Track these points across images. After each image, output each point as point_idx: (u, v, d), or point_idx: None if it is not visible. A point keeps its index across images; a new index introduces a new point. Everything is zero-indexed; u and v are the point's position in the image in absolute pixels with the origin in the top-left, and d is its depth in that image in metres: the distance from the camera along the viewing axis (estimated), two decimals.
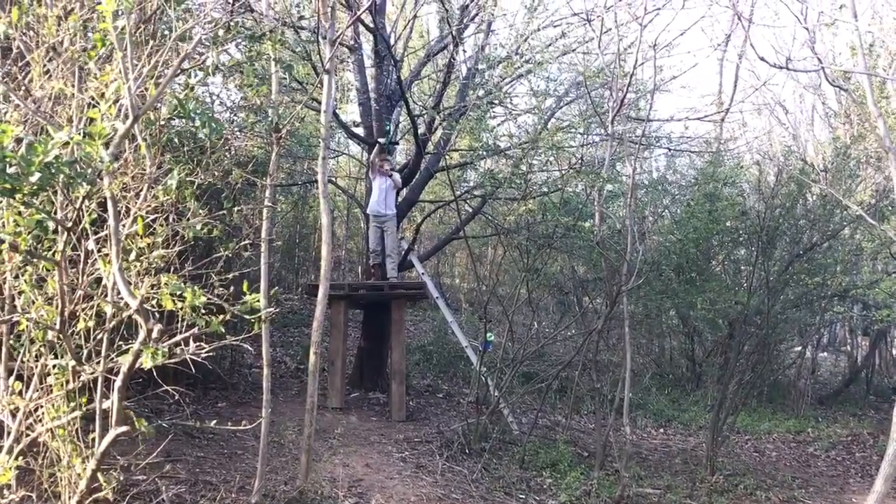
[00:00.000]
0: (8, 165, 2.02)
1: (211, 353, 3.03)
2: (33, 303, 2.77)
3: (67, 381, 2.74)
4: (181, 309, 2.65)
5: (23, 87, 2.60)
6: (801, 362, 13.90)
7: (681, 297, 8.97)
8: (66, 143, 2.15)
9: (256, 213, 5.94)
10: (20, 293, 2.76)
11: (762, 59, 5.71)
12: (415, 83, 10.80)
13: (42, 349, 2.84)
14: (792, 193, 8.45)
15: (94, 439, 2.81)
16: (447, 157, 10.19)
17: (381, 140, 10.22)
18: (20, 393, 2.89)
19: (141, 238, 2.84)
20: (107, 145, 2.29)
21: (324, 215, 5.92)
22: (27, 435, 2.89)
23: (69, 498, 2.85)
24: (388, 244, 10.33)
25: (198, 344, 2.64)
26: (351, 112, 13.03)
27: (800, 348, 15.01)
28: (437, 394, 11.24)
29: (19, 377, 3.10)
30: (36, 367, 2.89)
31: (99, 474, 2.76)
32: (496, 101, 8.64)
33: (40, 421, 2.90)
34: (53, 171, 2.10)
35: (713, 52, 13.64)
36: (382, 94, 10.13)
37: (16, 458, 2.83)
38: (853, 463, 10.22)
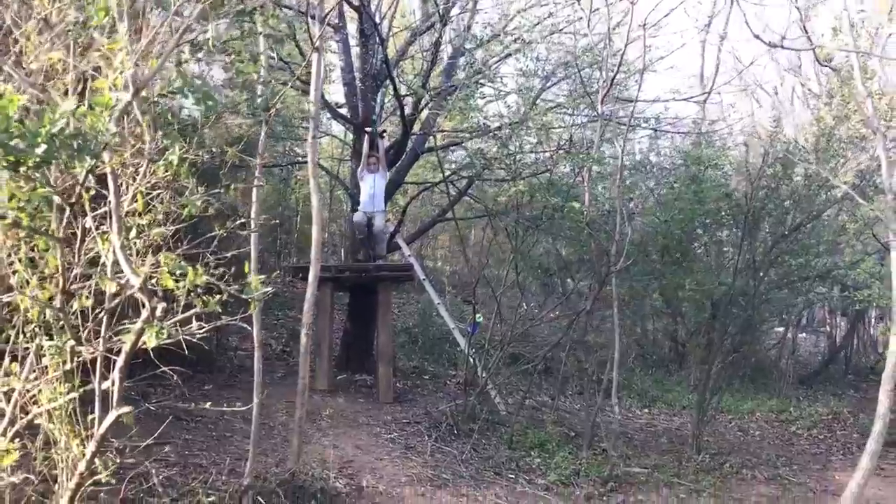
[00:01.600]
0: (11, 137, 1.95)
1: (206, 335, 2.98)
2: (27, 282, 2.70)
3: (64, 362, 2.68)
4: (178, 288, 2.59)
5: (13, 59, 2.52)
6: (784, 343, 14.05)
7: (668, 278, 9.00)
8: (73, 114, 2.08)
9: (241, 194, 5.86)
10: (14, 272, 2.69)
11: (757, 36, 5.71)
12: (400, 63, 10.68)
13: (37, 329, 2.78)
14: (777, 174, 8.49)
15: (92, 421, 2.76)
16: (435, 137, 10.11)
17: (369, 129, 10.02)
18: (16, 374, 2.83)
19: (141, 215, 2.77)
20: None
21: (314, 196, 5.86)
22: (22, 417, 2.83)
23: (67, 480, 2.80)
24: (376, 226, 10.15)
25: (199, 324, 2.60)
26: (334, 92, 12.89)
27: (781, 329, 15.18)
28: (423, 375, 11.23)
29: (13, 358, 3.03)
30: (31, 347, 2.82)
31: (96, 457, 2.71)
32: (484, 81, 8.56)
33: (36, 403, 2.84)
34: (59, 143, 2.03)
35: (699, 32, 13.61)
36: (368, 74, 10.02)
37: (11, 441, 2.77)
38: (835, 441, 10.36)
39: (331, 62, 11.81)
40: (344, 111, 10.86)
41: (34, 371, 2.82)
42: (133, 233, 2.71)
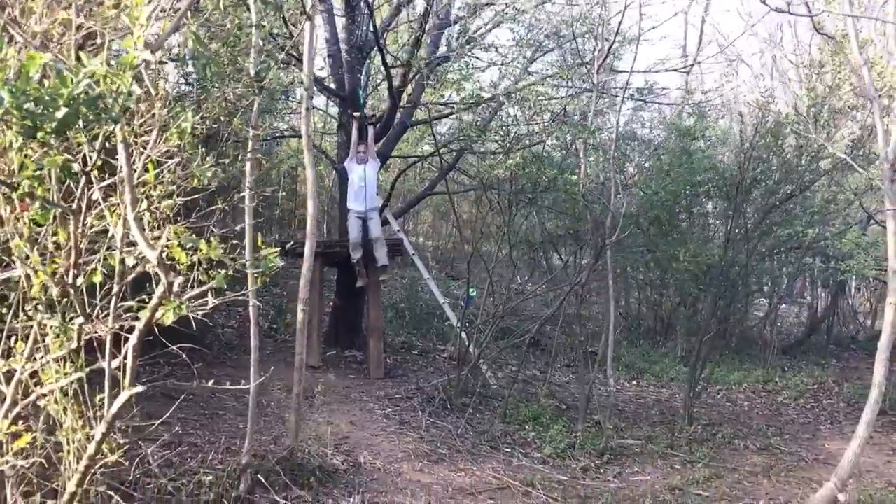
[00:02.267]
0: (29, 100, 1.81)
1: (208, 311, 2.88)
2: (28, 257, 2.56)
3: (70, 340, 2.55)
4: (179, 263, 2.46)
5: (11, 16, 2.36)
6: (769, 313, 14.14)
7: (661, 249, 8.97)
8: (93, 75, 1.93)
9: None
10: (14, 247, 2.54)
11: (763, 2, 5.63)
12: (385, 34, 10.46)
13: (39, 307, 2.64)
14: (769, 144, 8.45)
15: (99, 401, 2.64)
16: (429, 109, 9.94)
17: (357, 114, 9.30)
18: (17, 354, 2.69)
19: (154, 187, 2.63)
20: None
21: (308, 169, 5.73)
22: (24, 398, 2.71)
23: (75, 462, 2.69)
24: (372, 232, 9.26)
25: (213, 300, 2.47)
26: (317, 65, 12.64)
27: (765, 300, 15.28)
28: (412, 351, 11.17)
29: (9, 338, 2.90)
30: (32, 326, 2.69)
31: (106, 439, 2.60)
32: (472, 53, 8.36)
33: (40, 384, 2.72)
34: (80, 106, 1.89)
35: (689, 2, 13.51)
36: (353, 45, 9.82)
37: (13, 423, 2.65)
38: (822, 410, 10.46)
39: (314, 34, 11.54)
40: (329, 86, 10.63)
41: (38, 350, 2.69)
42: (143, 205, 2.58)
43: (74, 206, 2.39)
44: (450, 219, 22.25)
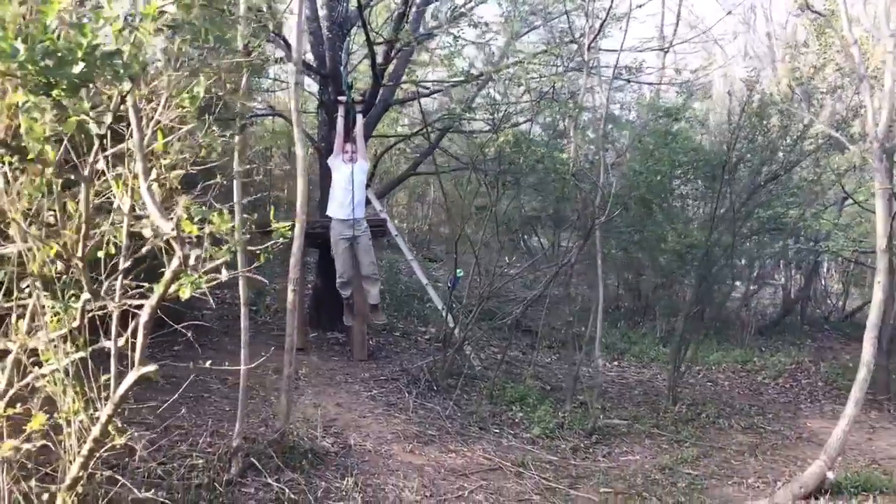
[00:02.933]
0: (48, 53, 1.66)
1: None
2: (27, 231, 2.41)
3: (73, 319, 2.42)
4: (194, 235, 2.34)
5: None
6: (747, 293, 14.26)
7: (650, 230, 8.96)
8: (119, 29, 1.78)
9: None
10: (11, 220, 2.39)
11: None
12: (370, 8, 10.25)
13: (37, 284, 2.50)
14: (755, 124, 8.45)
15: (105, 382, 2.51)
16: (417, 87, 9.75)
17: (343, 98, 8.24)
18: (15, 333, 2.55)
19: (165, 156, 2.48)
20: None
21: (298, 146, 5.57)
22: (22, 379, 2.57)
23: (78, 445, 2.56)
24: (363, 262, 8.36)
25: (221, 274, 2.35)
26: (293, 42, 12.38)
27: (740, 282, 15.41)
28: (393, 332, 11.06)
29: (2, 318, 2.75)
30: (28, 304, 2.54)
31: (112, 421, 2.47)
32: (462, 26, 8.18)
33: (38, 364, 2.58)
34: (98, 60, 1.74)
35: None
36: (335, 22, 9.62)
37: (10, 406, 2.52)
38: (801, 389, 10.57)
39: (291, 10, 11.31)
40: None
41: (38, 328, 2.54)
42: (153, 174, 2.44)
43: (86, 173, 2.25)
44: (425, 201, 22.19)
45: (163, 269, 2.36)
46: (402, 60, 9.96)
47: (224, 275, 2.23)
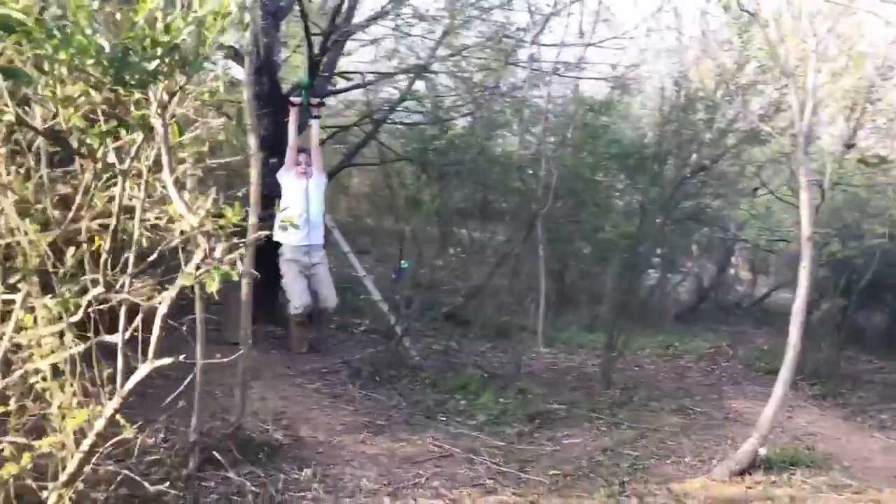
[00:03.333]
0: (132, 49, 1.61)
1: None
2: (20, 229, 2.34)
3: (77, 310, 2.36)
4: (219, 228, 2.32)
5: None
6: (665, 281, 14.81)
7: (586, 222, 9.24)
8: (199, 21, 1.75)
9: None
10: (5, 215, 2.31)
11: None
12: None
13: (32, 279, 2.42)
14: (681, 119, 8.82)
15: (100, 377, 2.47)
16: (363, 76, 9.70)
17: (296, 99, 7.53)
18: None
19: (182, 147, 2.45)
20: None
21: (251, 135, 5.52)
22: (13, 373, 2.50)
23: (77, 441, 2.50)
24: (323, 295, 8.06)
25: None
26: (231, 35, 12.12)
27: (653, 271, 16.01)
28: (329, 325, 11.01)
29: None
30: (17, 299, 2.47)
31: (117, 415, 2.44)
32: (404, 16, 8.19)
33: (31, 358, 2.51)
34: (170, 57, 1.71)
35: None
36: (268, 12, 9.48)
37: (3, 404, 2.44)
38: (722, 372, 11.09)
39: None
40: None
41: (30, 322, 2.48)
42: (179, 168, 2.40)
43: (125, 166, 2.20)
44: (349, 192, 22.07)
45: (163, 264, 2.35)
46: (336, 52, 9.91)
47: (239, 267, 2.24)
